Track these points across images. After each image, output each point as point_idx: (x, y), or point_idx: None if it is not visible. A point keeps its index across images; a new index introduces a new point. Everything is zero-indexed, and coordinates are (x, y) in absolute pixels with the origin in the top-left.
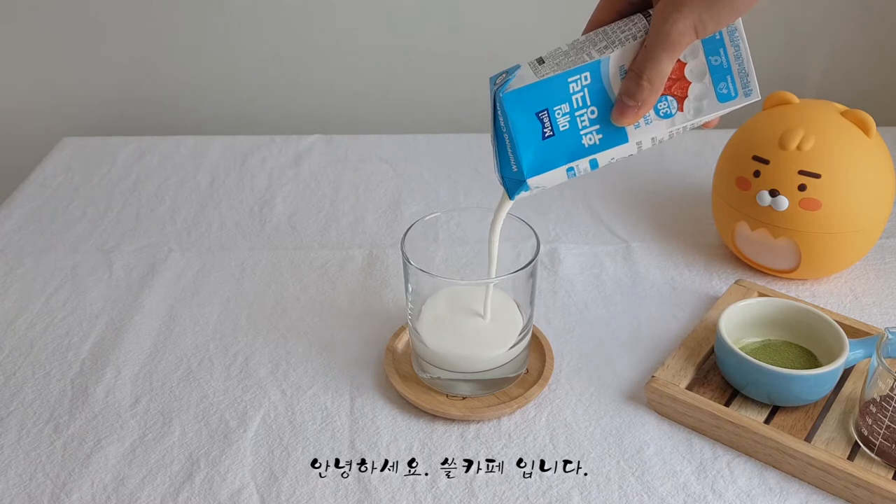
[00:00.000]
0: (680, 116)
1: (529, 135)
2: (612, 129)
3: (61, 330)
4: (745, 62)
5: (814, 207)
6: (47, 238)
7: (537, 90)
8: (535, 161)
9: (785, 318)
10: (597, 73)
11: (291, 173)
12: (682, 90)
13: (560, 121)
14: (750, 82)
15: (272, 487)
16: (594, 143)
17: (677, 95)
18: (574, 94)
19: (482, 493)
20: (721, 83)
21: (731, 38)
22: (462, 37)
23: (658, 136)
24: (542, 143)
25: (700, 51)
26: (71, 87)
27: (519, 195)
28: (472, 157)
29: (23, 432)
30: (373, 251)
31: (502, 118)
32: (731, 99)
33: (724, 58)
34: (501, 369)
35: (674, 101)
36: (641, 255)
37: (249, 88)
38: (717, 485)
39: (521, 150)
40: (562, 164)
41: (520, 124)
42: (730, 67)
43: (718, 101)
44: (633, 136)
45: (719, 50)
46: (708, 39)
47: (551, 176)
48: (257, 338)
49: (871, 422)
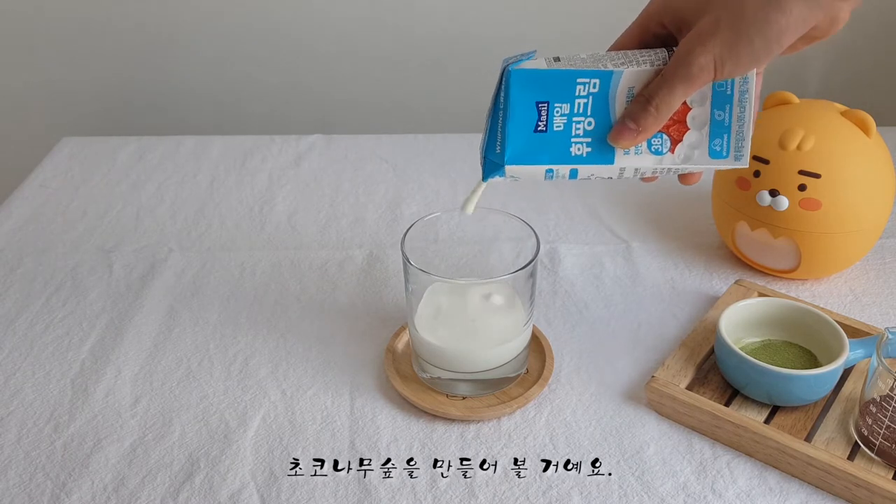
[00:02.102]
0: (669, 158)
1: (524, 121)
2: (602, 146)
3: (61, 330)
4: (745, 126)
5: (814, 207)
6: (47, 238)
7: (545, 78)
8: (520, 151)
9: (785, 318)
10: (606, 83)
11: (291, 173)
12: (678, 133)
13: (556, 119)
14: (744, 148)
15: (272, 487)
16: (581, 154)
17: (673, 137)
18: (578, 98)
19: (482, 493)
20: (717, 139)
21: (741, 98)
22: (462, 37)
23: (643, 168)
24: (532, 134)
25: (708, 100)
26: (71, 87)
27: (492, 178)
28: (472, 157)
29: (23, 432)
30: (373, 251)
31: (504, 94)
32: (720, 157)
33: (727, 115)
34: (501, 369)
35: (668, 141)
36: (641, 255)
37: (249, 88)
38: (717, 485)
39: (511, 135)
40: (544, 162)
41: (519, 107)
42: (730, 127)
43: (709, 156)
44: (619, 161)
45: (725, 106)
46: (718, 92)
47: (530, 170)
48: (257, 338)
49: (871, 422)
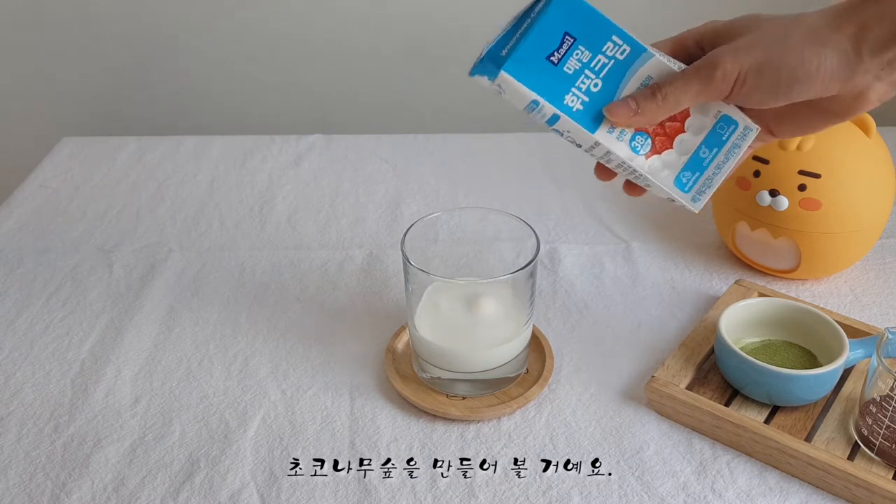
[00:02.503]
0: (640, 161)
1: (543, 43)
2: (593, 112)
3: (61, 330)
4: (718, 176)
5: (814, 207)
6: (47, 238)
7: (587, 16)
8: (524, 66)
9: (785, 318)
10: (634, 57)
11: (291, 173)
12: (661, 146)
13: (572, 61)
14: (705, 194)
15: (272, 487)
16: (571, 107)
17: (655, 146)
18: (602, 53)
19: (482, 493)
20: (689, 172)
21: (731, 149)
22: (462, 37)
23: (613, 156)
24: (542, 59)
25: (703, 133)
26: (71, 87)
27: (478, 77)
28: (472, 157)
29: (23, 432)
30: (373, 251)
31: (541, 6)
32: (681, 189)
33: (711, 157)
34: (501, 369)
35: (649, 146)
36: (641, 255)
37: (249, 88)
38: (717, 485)
39: (523, 47)
40: (537, 91)
41: (547, 26)
42: (706, 168)
43: (673, 182)
44: (599, 134)
45: (714, 148)
46: (716, 131)
47: (519, 90)
48: (257, 338)
49: (871, 422)
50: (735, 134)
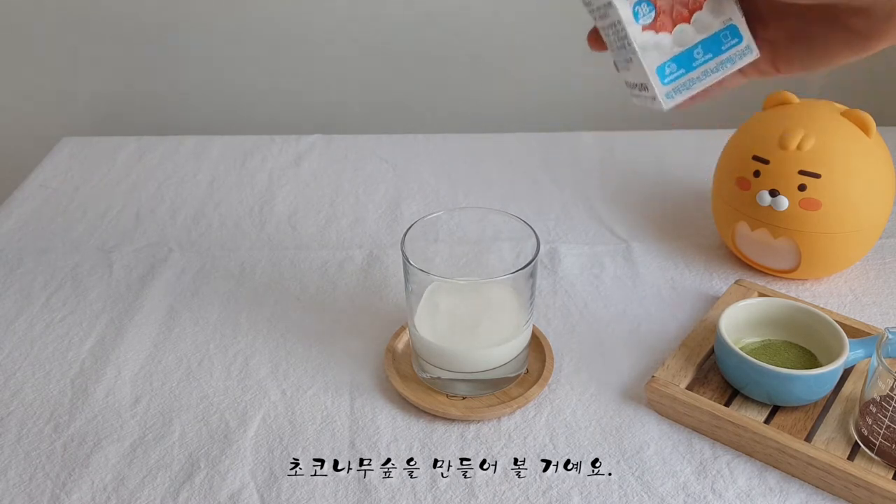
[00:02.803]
0: (635, 29)
1: None
2: None
3: (61, 330)
4: (699, 82)
5: (814, 207)
6: (47, 238)
7: None
8: None
9: (785, 318)
10: None
11: (291, 173)
12: (661, 26)
13: None
14: (680, 94)
15: (272, 487)
16: None
17: (656, 22)
18: None
19: (482, 493)
20: (673, 64)
21: (725, 61)
22: (462, 37)
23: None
24: None
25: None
26: (71, 87)
27: None
28: (472, 157)
29: (23, 432)
30: (373, 251)
31: None
32: (661, 79)
33: (702, 60)
34: (501, 369)
35: (651, 17)
36: (641, 255)
37: (249, 88)
38: (717, 485)
39: None
40: None
41: None
42: (694, 68)
43: (655, 68)
44: None
45: (710, 53)
46: (717, 37)
47: None
48: (257, 338)
49: (871, 422)
50: (735, 49)
